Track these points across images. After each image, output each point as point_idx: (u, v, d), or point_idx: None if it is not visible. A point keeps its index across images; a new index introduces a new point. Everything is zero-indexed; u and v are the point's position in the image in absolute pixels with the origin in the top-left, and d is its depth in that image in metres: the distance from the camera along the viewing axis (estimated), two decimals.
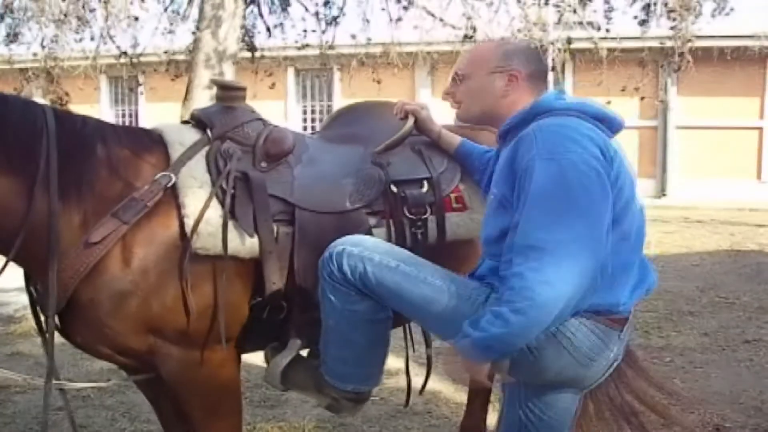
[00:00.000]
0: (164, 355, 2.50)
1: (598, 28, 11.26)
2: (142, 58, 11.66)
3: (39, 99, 12.27)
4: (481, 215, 2.92)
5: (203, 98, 8.28)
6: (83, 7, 9.98)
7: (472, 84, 2.49)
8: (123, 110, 21.63)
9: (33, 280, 2.54)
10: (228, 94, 2.82)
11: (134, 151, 2.58)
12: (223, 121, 2.73)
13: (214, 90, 2.92)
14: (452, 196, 2.96)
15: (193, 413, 2.62)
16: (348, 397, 2.63)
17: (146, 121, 20.70)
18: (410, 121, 3.03)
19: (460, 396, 4.35)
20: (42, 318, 2.53)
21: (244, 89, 2.83)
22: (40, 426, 2.57)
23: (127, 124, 20.91)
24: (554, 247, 2.00)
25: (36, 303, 2.57)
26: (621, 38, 11.98)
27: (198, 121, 2.78)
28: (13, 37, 10.42)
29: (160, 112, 18.92)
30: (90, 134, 2.52)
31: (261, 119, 2.81)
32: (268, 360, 2.79)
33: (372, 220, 2.80)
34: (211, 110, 2.80)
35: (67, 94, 11.47)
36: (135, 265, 2.40)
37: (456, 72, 2.55)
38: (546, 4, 11.24)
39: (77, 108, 11.88)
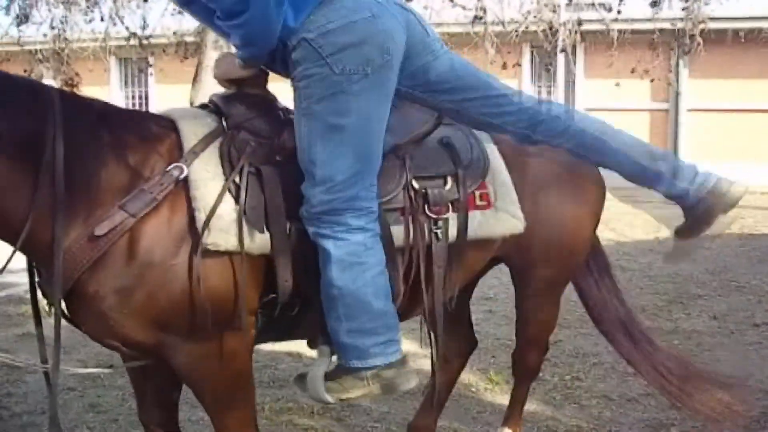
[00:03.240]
0: (173, 349, 2.46)
1: (609, 10, 11.18)
2: (152, 40, 11.65)
3: (49, 80, 12.33)
4: (507, 212, 2.92)
5: (213, 80, 8.25)
6: None
7: None
8: (133, 92, 21.57)
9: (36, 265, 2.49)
10: (242, 81, 2.68)
11: (145, 139, 2.50)
12: (239, 110, 2.62)
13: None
14: (477, 192, 2.88)
15: (206, 404, 2.61)
16: (387, 373, 2.58)
17: (156, 103, 20.67)
18: (437, 118, 2.89)
19: (468, 377, 4.38)
20: (44, 302, 2.49)
21: (265, 74, 2.69)
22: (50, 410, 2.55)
23: (136, 105, 20.96)
24: None
25: (38, 287, 2.52)
26: (632, 20, 11.92)
27: (214, 107, 2.68)
28: (23, 19, 10.40)
29: (169, 93, 18.88)
30: (99, 119, 2.45)
31: (280, 108, 2.70)
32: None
33: (390, 217, 2.70)
34: (229, 97, 2.69)
35: (77, 75, 11.48)
36: (141, 258, 2.34)
37: None
38: None
39: (87, 89, 11.91)
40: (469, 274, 3.02)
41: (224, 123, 2.60)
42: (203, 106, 2.76)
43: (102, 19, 10.72)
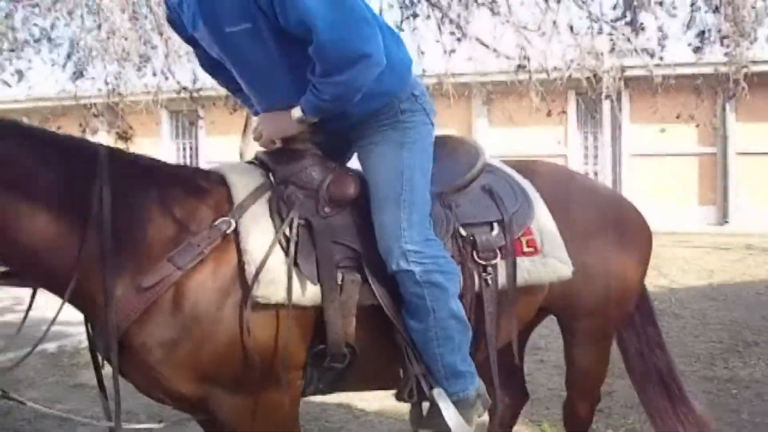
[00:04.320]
0: (218, 402, 2.47)
1: (652, 55, 11.15)
2: (202, 93, 11.87)
3: (103, 134, 12.61)
4: (555, 258, 2.94)
5: None
6: (145, 44, 10.20)
7: None
8: (183, 143, 21.98)
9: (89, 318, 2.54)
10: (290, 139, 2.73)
11: (193, 193, 2.57)
12: (286, 165, 2.68)
13: None
14: (523, 239, 2.91)
15: None
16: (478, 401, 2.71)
17: (206, 154, 21.01)
18: (481, 160, 2.99)
19: (521, 429, 4.34)
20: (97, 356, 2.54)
21: (310, 128, 2.73)
22: None
23: (187, 156, 21.33)
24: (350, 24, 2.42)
25: (92, 341, 2.57)
26: (675, 65, 11.87)
27: (261, 163, 2.75)
28: (78, 74, 10.68)
29: (219, 144, 19.21)
30: (146, 175, 2.53)
31: (325, 162, 2.74)
32: (414, 421, 2.75)
33: None
34: (274, 153, 2.75)
35: (130, 128, 11.70)
36: (188, 311, 2.38)
37: None
38: (599, 32, 11.19)
39: (139, 141, 12.19)
40: (520, 322, 3.01)
41: (272, 178, 2.66)
42: (250, 162, 2.83)
43: (154, 74, 10.96)
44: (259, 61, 2.62)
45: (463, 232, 2.82)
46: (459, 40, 10.97)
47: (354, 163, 2.87)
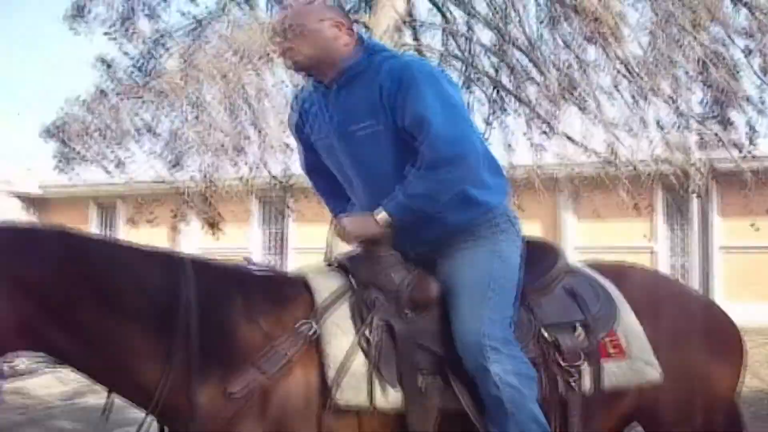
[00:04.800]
0: None
1: (741, 150, 11.05)
2: (293, 183, 12.16)
3: (194, 221, 12.92)
4: (642, 361, 2.89)
5: None
6: (241, 137, 10.54)
7: (304, 31, 2.80)
8: (271, 230, 22.33)
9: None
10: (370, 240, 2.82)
11: (275, 298, 2.63)
12: (366, 268, 2.73)
13: None
14: (608, 341, 2.88)
15: None
16: None
17: (293, 241, 21.30)
18: (562, 261, 3.01)
19: None
20: None
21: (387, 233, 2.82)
22: None
23: (275, 243, 21.64)
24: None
25: None
26: (765, 158, 11.70)
27: (341, 266, 2.81)
28: (175, 164, 11.07)
29: (307, 232, 19.46)
30: (230, 282, 2.61)
31: (405, 265, 2.78)
32: None
33: None
34: (354, 257, 2.83)
35: (220, 215, 11.97)
36: (274, 415, 2.41)
37: (287, 29, 2.82)
38: (687, 128, 11.15)
39: (228, 228, 12.44)
40: (606, 430, 2.97)
41: (352, 280, 2.71)
42: (329, 265, 2.90)
43: (247, 165, 11.29)
44: (373, 159, 2.78)
45: (546, 335, 2.81)
46: (547, 135, 11.05)
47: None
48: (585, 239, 19.28)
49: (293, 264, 20.53)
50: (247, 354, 2.46)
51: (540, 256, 3.04)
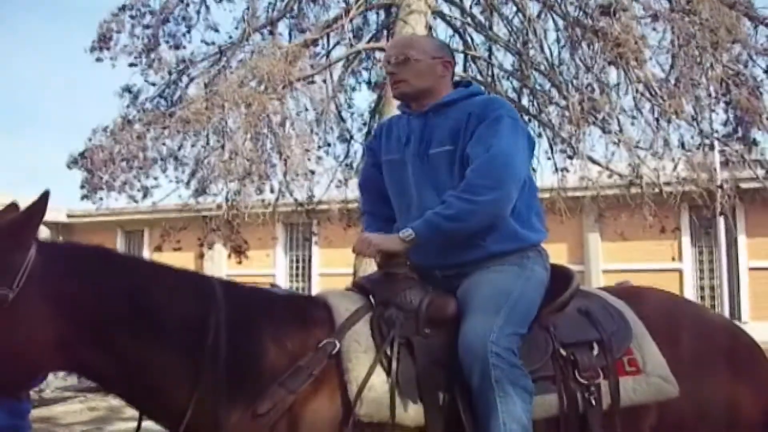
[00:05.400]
0: None
1: (765, 168, 10.99)
2: (317, 207, 12.27)
3: (219, 246, 13.00)
4: (659, 377, 2.90)
5: None
6: (264, 163, 10.64)
7: (420, 66, 3.04)
8: (296, 255, 22.44)
9: None
10: (389, 261, 2.88)
11: (299, 318, 2.69)
12: (384, 288, 2.79)
13: None
14: (625, 359, 2.90)
15: None
16: None
17: (318, 266, 21.38)
18: (575, 282, 3.04)
19: None
20: None
21: (403, 255, 2.88)
22: None
23: (299, 267, 21.74)
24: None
25: None
26: None
27: (360, 287, 2.89)
28: (201, 192, 11.18)
29: (331, 257, 19.55)
30: (256, 306, 2.67)
31: (422, 285, 2.84)
32: None
33: (541, 386, 2.74)
34: (373, 277, 2.93)
35: (245, 242, 12.05)
36: None
37: (402, 57, 3.06)
38: (711, 149, 11.12)
39: (254, 253, 12.51)
40: None
41: (371, 300, 2.77)
42: (349, 289, 2.98)
43: (272, 191, 11.39)
44: (440, 179, 2.93)
45: (564, 353, 2.83)
46: (570, 157, 11.06)
47: None
48: (610, 261, 19.21)
49: (318, 289, 20.60)
50: (274, 375, 2.50)
51: (553, 278, 3.07)
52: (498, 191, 2.79)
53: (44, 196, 2.39)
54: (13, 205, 2.54)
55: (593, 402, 2.78)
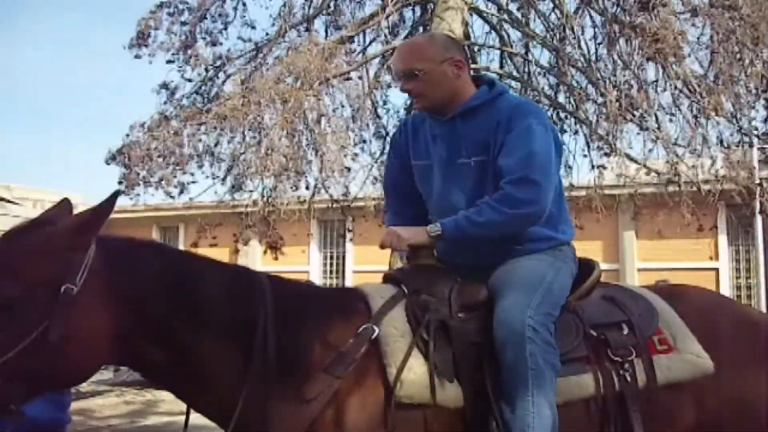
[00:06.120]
0: None
1: None
2: (353, 205, 12.30)
3: (255, 242, 13.07)
4: (692, 354, 2.91)
5: None
6: (301, 160, 10.68)
7: (430, 77, 2.93)
8: (330, 252, 22.53)
9: None
10: (417, 253, 2.93)
11: (340, 309, 2.76)
12: (416, 278, 2.85)
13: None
14: (655, 338, 2.92)
15: None
16: None
17: (351, 263, 21.45)
18: (597, 270, 3.07)
19: None
20: None
21: (431, 248, 2.94)
22: None
23: (333, 264, 21.84)
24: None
25: None
26: None
27: (392, 279, 2.93)
28: (237, 188, 11.25)
29: (365, 254, 19.59)
30: (300, 299, 2.73)
31: (451, 275, 2.89)
32: None
33: (575, 367, 2.78)
34: (402, 270, 3.01)
35: (281, 238, 12.10)
36: (348, 418, 2.50)
37: (411, 72, 2.96)
38: (750, 146, 11.00)
39: (289, 249, 12.56)
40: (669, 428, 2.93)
41: (404, 288, 2.82)
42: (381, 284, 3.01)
43: (307, 188, 11.45)
44: (471, 188, 2.94)
45: (594, 333, 2.86)
46: (607, 155, 11.00)
47: None
48: (646, 259, 19.09)
49: (352, 285, 20.62)
50: (319, 363, 2.55)
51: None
52: (534, 206, 2.83)
53: (113, 197, 2.45)
54: (66, 201, 2.58)
55: (628, 378, 2.79)
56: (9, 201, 11.65)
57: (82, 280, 2.33)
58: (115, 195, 2.43)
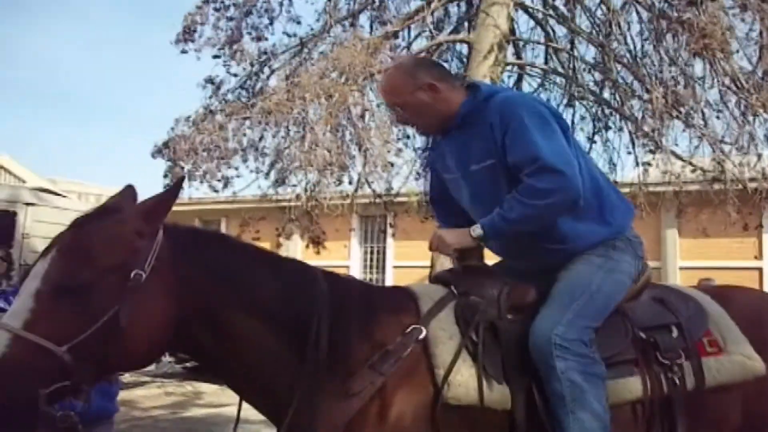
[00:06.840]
0: None
1: None
2: (395, 200, 12.32)
3: (297, 237, 13.14)
4: (742, 355, 2.90)
5: None
6: (344, 154, 10.73)
7: (411, 108, 2.94)
8: (371, 247, 22.57)
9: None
10: (465, 255, 2.93)
11: (390, 306, 2.76)
12: (465, 279, 2.85)
13: None
14: (705, 340, 2.90)
15: None
16: None
17: (392, 258, 21.47)
18: (647, 271, 3.05)
19: None
20: None
21: (478, 249, 2.95)
22: None
23: (374, 259, 21.85)
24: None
25: None
26: None
27: (441, 280, 2.95)
28: (280, 182, 11.32)
29: (406, 249, 19.62)
30: (353, 297, 2.74)
31: (499, 277, 2.89)
32: None
33: (624, 370, 2.77)
34: (451, 272, 2.99)
35: (323, 232, 12.16)
36: (391, 415, 2.50)
37: (394, 107, 3.03)
38: None
39: (330, 244, 12.62)
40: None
41: (453, 290, 2.82)
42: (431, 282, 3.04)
43: (350, 183, 11.49)
44: (489, 192, 2.89)
45: (643, 335, 2.84)
46: (652, 152, 10.91)
47: None
48: (688, 258, 18.89)
49: (392, 281, 20.67)
50: (365, 360, 2.57)
51: None
52: (561, 192, 2.75)
53: (179, 182, 2.48)
54: (130, 188, 2.61)
55: (677, 381, 2.78)
56: (55, 193, 11.78)
57: (150, 266, 2.38)
58: (180, 181, 2.46)
